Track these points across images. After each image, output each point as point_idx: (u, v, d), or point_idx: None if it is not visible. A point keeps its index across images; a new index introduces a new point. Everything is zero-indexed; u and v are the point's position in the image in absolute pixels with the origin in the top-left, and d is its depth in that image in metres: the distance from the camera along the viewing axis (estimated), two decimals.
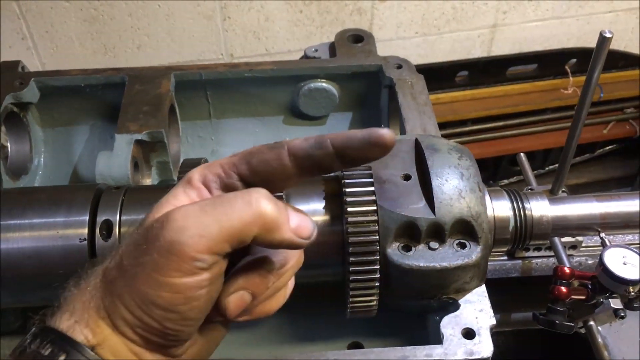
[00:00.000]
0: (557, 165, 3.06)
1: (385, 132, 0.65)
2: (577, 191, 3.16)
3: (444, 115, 2.80)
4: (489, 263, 1.37)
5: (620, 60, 2.86)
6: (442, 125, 2.81)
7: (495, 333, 1.53)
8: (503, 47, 2.87)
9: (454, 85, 2.84)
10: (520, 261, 1.35)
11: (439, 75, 2.81)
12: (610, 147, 3.06)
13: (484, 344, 0.88)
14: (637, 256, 0.96)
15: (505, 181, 3.00)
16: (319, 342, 1.04)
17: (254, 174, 0.65)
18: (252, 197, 0.60)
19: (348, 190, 0.90)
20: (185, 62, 2.68)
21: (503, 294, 1.42)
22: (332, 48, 1.41)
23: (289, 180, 0.68)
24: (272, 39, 2.71)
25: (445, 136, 2.98)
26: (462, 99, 2.83)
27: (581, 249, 1.34)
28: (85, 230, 0.90)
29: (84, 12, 2.46)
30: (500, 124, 2.85)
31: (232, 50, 2.71)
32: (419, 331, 1.01)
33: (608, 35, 1.01)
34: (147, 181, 1.20)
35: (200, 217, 0.57)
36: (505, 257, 1.36)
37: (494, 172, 3.00)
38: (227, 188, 0.65)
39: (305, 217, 0.66)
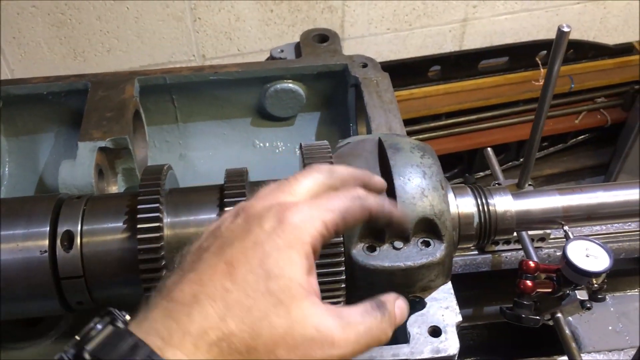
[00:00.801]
0: None
1: None
2: (552, 181, 3.20)
3: (418, 110, 2.82)
4: (459, 258, 1.39)
5: (590, 51, 2.89)
6: (416, 120, 2.84)
7: (468, 327, 1.55)
8: (474, 41, 2.89)
9: (427, 80, 2.85)
10: (490, 255, 1.36)
11: (411, 71, 2.83)
12: (582, 137, 3.10)
13: (450, 342, 0.88)
14: (600, 248, 0.97)
15: (481, 174, 3.02)
16: None
17: (345, 228, 0.67)
18: (375, 329, 0.63)
19: None
20: (157, 65, 2.66)
21: (475, 288, 1.44)
22: (298, 48, 1.41)
23: None
24: (243, 39, 2.70)
25: (419, 131, 3.00)
26: (435, 93, 2.85)
27: (549, 240, 1.35)
28: (46, 242, 0.89)
29: (51, 16, 2.43)
30: (474, 117, 2.87)
31: (204, 51, 2.69)
32: None
33: (566, 29, 1.02)
34: (113, 189, 1.19)
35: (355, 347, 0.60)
36: (476, 252, 1.37)
37: (470, 165, 3.03)
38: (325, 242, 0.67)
39: (400, 303, 0.69)
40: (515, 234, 1.29)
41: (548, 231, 1.31)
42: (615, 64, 2.91)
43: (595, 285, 0.96)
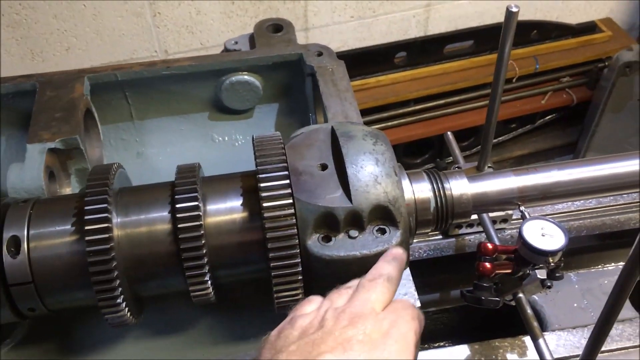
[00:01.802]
0: (500, 138, 3.11)
1: None
2: (522, 162, 3.22)
3: (386, 97, 2.81)
4: (424, 243, 1.39)
5: (554, 31, 2.91)
6: (384, 108, 2.83)
7: (438, 311, 1.55)
8: (439, 26, 2.89)
9: (394, 67, 2.85)
10: (454, 239, 1.36)
11: (377, 58, 2.81)
12: (550, 117, 3.12)
13: None
14: (555, 227, 0.97)
15: (452, 158, 3.03)
16: (251, 340, 1.03)
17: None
18: None
19: (262, 185, 0.89)
20: (118, 62, 2.61)
21: (440, 272, 1.44)
22: (252, 39, 1.38)
23: None
24: (206, 32, 2.66)
25: (388, 118, 2.98)
26: (403, 79, 2.84)
27: (512, 221, 1.36)
28: None
29: (5, 17, 2.37)
30: (442, 102, 2.88)
31: (166, 46, 2.65)
32: None
33: (514, 9, 1.02)
34: (67, 190, 1.16)
35: None
36: (440, 236, 1.37)
37: (440, 150, 3.03)
38: None
39: None
40: (476, 216, 1.29)
41: (510, 212, 1.31)
42: (579, 43, 2.94)
43: (552, 264, 0.97)
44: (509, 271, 1.04)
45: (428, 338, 1.58)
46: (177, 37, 2.63)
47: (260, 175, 0.90)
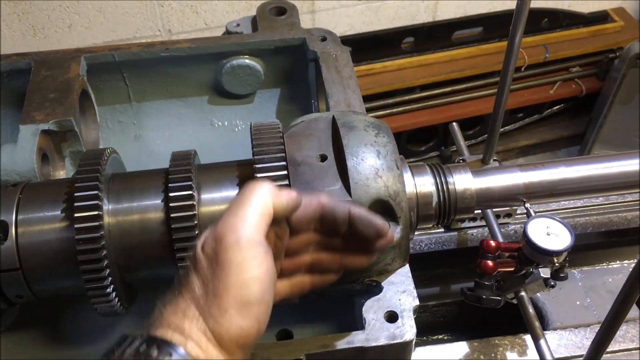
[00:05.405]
0: (506, 127, 3.06)
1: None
2: (528, 152, 3.17)
3: (392, 83, 2.76)
4: (425, 237, 1.36)
5: (565, 20, 2.85)
6: (389, 94, 2.78)
7: (438, 304, 1.53)
8: (448, 11, 2.83)
9: (400, 52, 2.80)
10: (456, 233, 1.33)
11: (384, 43, 2.76)
12: (557, 107, 3.07)
13: (407, 327, 0.85)
14: (561, 226, 0.94)
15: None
16: None
17: None
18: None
19: (259, 175, 0.86)
20: (121, 40, 2.57)
21: (442, 266, 1.41)
22: (255, 22, 1.34)
23: None
24: (210, 12, 2.61)
25: (393, 104, 2.92)
26: (409, 65, 2.79)
27: (517, 216, 1.32)
28: None
29: None
30: (449, 89, 2.83)
31: (170, 25, 2.60)
32: (346, 316, 0.98)
33: None
34: (61, 173, 1.13)
35: None
36: (442, 230, 1.34)
37: (445, 138, 2.99)
38: None
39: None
40: (480, 210, 1.26)
41: (515, 207, 1.28)
42: (590, 33, 2.88)
43: (557, 264, 0.94)
44: (512, 269, 1.01)
45: (427, 330, 1.55)
46: (182, 17, 2.58)
47: (257, 165, 0.87)
